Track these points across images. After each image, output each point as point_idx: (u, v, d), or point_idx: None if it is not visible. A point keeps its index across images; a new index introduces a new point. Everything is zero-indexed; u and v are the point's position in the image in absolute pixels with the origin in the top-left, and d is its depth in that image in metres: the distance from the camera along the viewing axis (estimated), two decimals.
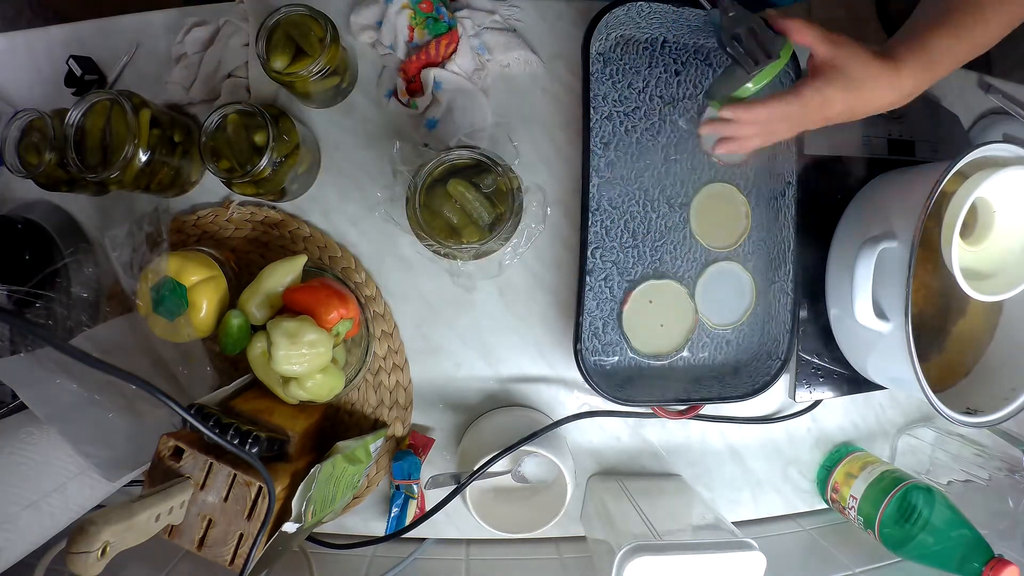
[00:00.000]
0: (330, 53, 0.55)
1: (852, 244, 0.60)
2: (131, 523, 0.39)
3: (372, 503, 0.67)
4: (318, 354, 0.53)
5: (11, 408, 0.56)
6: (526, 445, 0.58)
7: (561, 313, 0.68)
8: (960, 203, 0.55)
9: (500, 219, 0.56)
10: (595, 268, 0.66)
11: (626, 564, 0.51)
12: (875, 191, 0.65)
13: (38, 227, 0.64)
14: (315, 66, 0.55)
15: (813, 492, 0.74)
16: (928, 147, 0.73)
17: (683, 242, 0.67)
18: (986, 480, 0.66)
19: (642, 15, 0.63)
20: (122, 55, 0.66)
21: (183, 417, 0.44)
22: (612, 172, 0.66)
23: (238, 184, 0.57)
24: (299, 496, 0.49)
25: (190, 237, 0.65)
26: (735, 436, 0.72)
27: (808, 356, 0.70)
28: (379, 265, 0.67)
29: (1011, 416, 0.61)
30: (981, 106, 0.79)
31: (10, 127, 0.58)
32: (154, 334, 0.57)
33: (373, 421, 0.67)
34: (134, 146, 0.55)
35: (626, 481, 0.67)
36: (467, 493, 0.60)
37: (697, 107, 0.67)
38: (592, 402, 0.69)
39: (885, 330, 0.57)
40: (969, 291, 0.58)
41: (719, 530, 0.56)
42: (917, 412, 0.76)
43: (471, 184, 0.56)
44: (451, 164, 0.56)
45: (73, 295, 0.64)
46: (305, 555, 0.62)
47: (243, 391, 0.57)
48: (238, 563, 0.47)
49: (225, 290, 0.59)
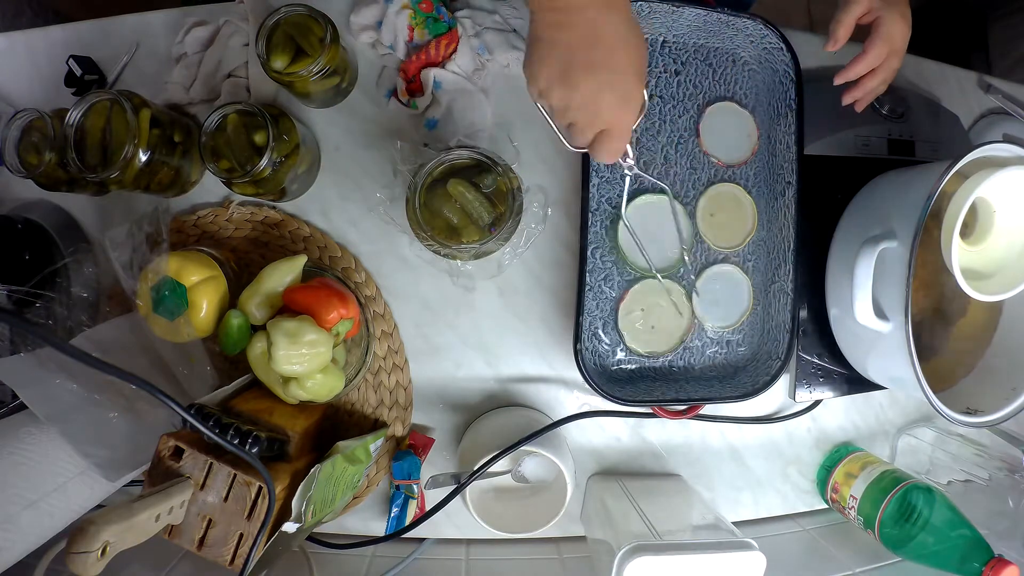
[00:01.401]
0: (330, 53, 0.55)
1: (852, 244, 0.60)
2: (131, 523, 0.39)
3: (372, 503, 0.67)
4: (318, 354, 0.53)
5: (11, 408, 0.56)
6: (526, 445, 0.58)
7: (561, 313, 0.68)
8: (960, 203, 0.55)
9: (500, 219, 0.56)
10: (595, 268, 0.66)
11: (626, 564, 0.51)
12: (875, 191, 0.65)
13: (38, 227, 0.64)
14: (315, 66, 0.55)
15: (813, 492, 0.74)
16: (928, 147, 0.73)
17: None
18: (986, 480, 0.66)
19: (642, 15, 0.63)
20: (122, 55, 0.66)
21: (183, 417, 0.44)
22: (612, 172, 0.66)
23: (238, 184, 0.57)
24: (299, 496, 0.49)
25: (190, 237, 0.65)
26: (735, 436, 0.72)
27: (808, 356, 0.70)
28: (379, 265, 0.67)
29: (1011, 416, 0.61)
30: (981, 106, 0.79)
31: (10, 127, 0.58)
32: (154, 334, 0.57)
33: (373, 421, 0.67)
34: (134, 146, 0.55)
35: (626, 481, 0.67)
36: (467, 493, 0.60)
37: (697, 107, 0.68)
38: (592, 402, 0.69)
39: (885, 330, 0.57)
40: (969, 291, 0.58)
41: (719, 530, 0.56)
42: (917, 412, 0.76)
43: (471, 184, 0.57)
44: (451, 164, 0.56)
45: (73, 295, 0.64)
46: (305, 555, 0.62)
47: (243, 391, 0.57)
48: (238, 563, 0.47)
49: (225, 290, 0.59)
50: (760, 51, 0.67)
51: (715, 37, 0.67)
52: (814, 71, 0.73)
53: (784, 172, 0.65)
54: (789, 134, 0.65)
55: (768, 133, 0.68)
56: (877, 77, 0.63)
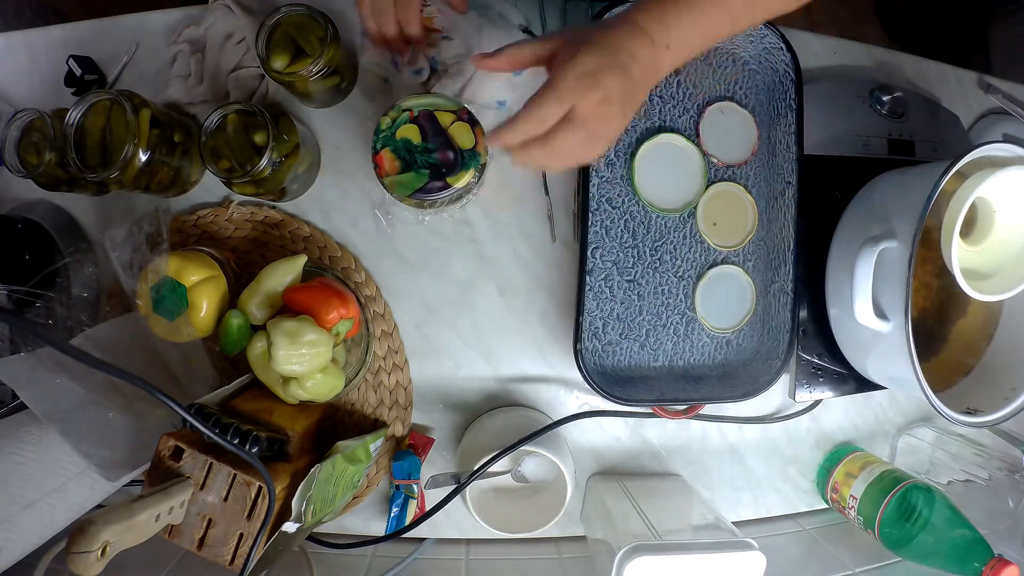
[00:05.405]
0: (330, 53, 0.55)
1: (852, 244, 0.60)
2: (131, 523, 0.39)
3: (372, 503, 0.67)
4: (318, 354, 0.53)
5: (11, 408, 0.56)
6: (526, 445, 0.58)
7: (561, 313, 0.68)
8: (960, 203, 0.55)
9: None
10: (595, 268, 0.66)
11: (626, 564, 0.51)
12: (875, 191, 0.65)
13: (38, 227, 0.64)
14: (315, 66, 0.55)
15: (813, 492, 0.74)
16: (928, 147, 0.73)
17: (683, 242, 0.67)
18: (986, 480, 0.66)
19: None
20: (122, 55, 0.66)
21: (183, 417, 0.44)
22: (612, 172, 0.66)
23: (238, 184, 0.57)
24: (299, 496, 0.49)
25: (190, 237, 0.65)
26: (735, 436, 0.72)
27: (808, 356, 0.70)
28: (379, 265, 0.67)
29: (1011, 416, 0.61)
30: (981, 106, 0.79)
31: (10, 127, 0.58)
32: (154, 334, 0.57)
33: (373, 421, 0.67)
34: (134, 146, 0.55)
35: (626, 481, 0.67)
36: (467, 493, 0.60)
37: (697, 107, 0.68)
38: (592, 402, 0.69)
39: (885, 330, 0.57)
40: (969, 291, 0.58)
41: (719, 530, 0.56)
42: (917, 412, 0.76)
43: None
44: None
45: (73, 295, 0.64)
46: (305, 555, 0.62)
47: (243, 391, 0.57)
48: (238, 563, 0.47)
49: (225, 290, 0.59)
50: (760, 51, 0.67)
51: None
52: (814, 71, 0.73)
53: (784, 172, 0.65)
54: (789, 134, 0.65)
55: (768, 133, 0.68)
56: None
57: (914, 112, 0.73)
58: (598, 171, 0.66)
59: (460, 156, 0.55)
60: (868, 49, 0.76)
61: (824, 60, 0.74)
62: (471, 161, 0.55)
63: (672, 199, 0.67)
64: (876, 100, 0.71)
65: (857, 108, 0.71)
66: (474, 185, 0.58)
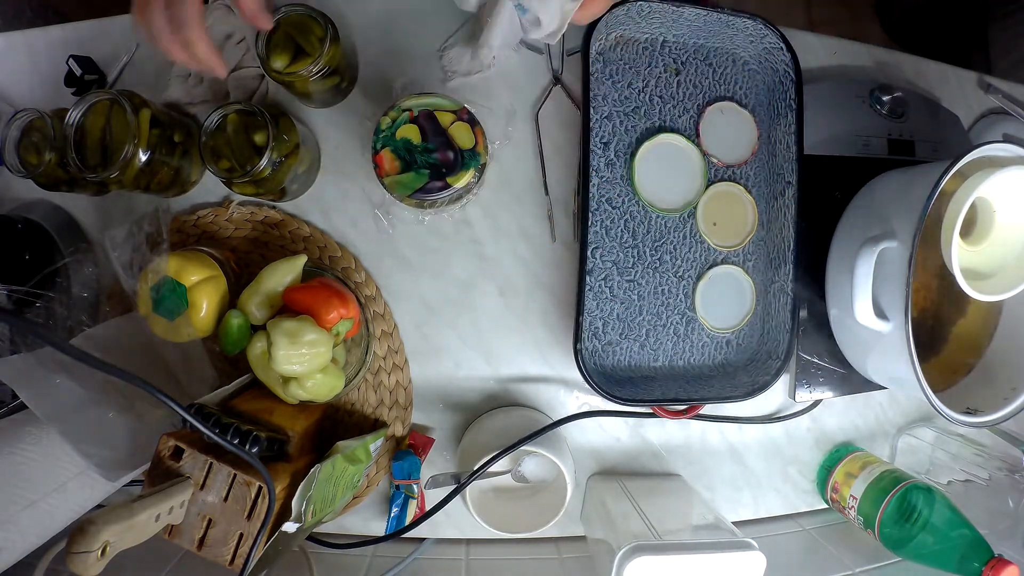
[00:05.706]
0: (330, 53, 0.55)
1: (852, 244, 0.60)
2: (131, 523, 0.39)
3: (372, 503, 0.67)
4: (318, 354, 0.53)
5: (11, 408, 0.56)
6: (526, 445, 0.58)
7: (561, 313, 0.68)
8: (960, 203, 0.55)
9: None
10: (595, 268, 0.66)
11: (626, 564, 0.51)
12: (875, 191, 0.65)
13: (38, 227, 0.64)
14: (315, 66, 0.55)
15: (813, 492, 0.74)
16: (928, 147, 0.73)
17: (683, 242, 0.67)
18: (986, 480, 0.66)
19: (642, 15, 0.63)
20: (122, 55, 0.66)
21: (183, 417, 0.44)
22: (612, 172, 0.66)
23: (238, 184, 0.57)
24: (299, 496, 0.49)
25: (190, 237, 0.65)
26: (735, 436, 0.72)
27: (808, 356, 0.70)
28: (379, 265, 0.67)
29: (1011, 416, 0.61)
30: (981, 106, 0.79)
31: (10, 127, 0.58)
32: (154, 334, 0.57)
33: (373, 421, 0.67)
34: (134, 146, 0.55)
35: (626, 481, 0.67)
36: (467, 493, 0.60)
37: (697, 107, 0.68)
38: (592, 402, 0.69)
39: (885, 330, 0.57)
40: (969, 291, 0.58)
41: (719, 530, 0.56)
42: (917, 412, 0.76)
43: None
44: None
45: (73, 295, 0.64)
46: (305, 555, 0.62)
47: (243, 391, 0.57)
48: (238, 563, 0.47)
49: (225, 290, 0.59)
50: (760, 51, 0.67)
51: (715, 37, 0.67)
52: (814, 71, 0.73)
53: (784, 172, 0.66)
54: (789, 134, 0.65)
55: (768, 133, 0.68)
56: None
57: (914, 112, 0.73)
58: (598, 171, 0.66)
59: (460, 156, 0.55)
60: (868, 49, 0.76)
61: (824, 60, 0.74)
62: (471, 161, 0.55)
63: (672, 199, 0.67)
64: (876, 100, 0.71)
65: (857, 108, 0.71)
66: (474, 185, 0.58)
